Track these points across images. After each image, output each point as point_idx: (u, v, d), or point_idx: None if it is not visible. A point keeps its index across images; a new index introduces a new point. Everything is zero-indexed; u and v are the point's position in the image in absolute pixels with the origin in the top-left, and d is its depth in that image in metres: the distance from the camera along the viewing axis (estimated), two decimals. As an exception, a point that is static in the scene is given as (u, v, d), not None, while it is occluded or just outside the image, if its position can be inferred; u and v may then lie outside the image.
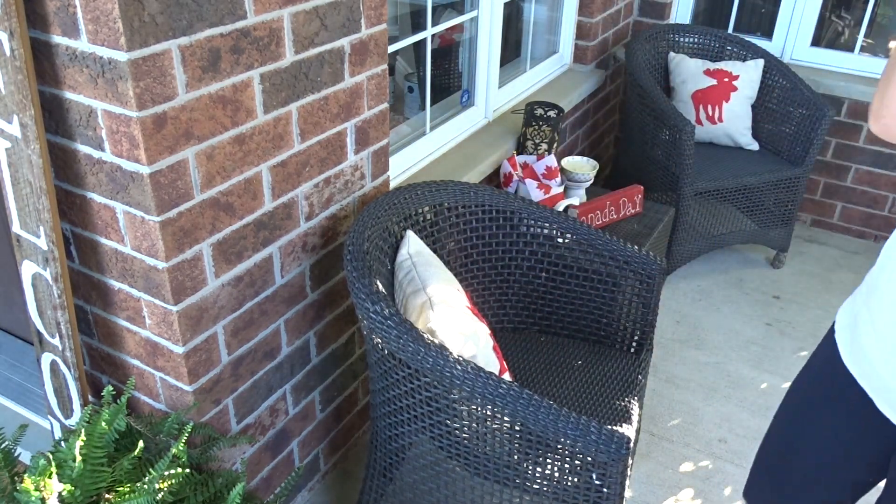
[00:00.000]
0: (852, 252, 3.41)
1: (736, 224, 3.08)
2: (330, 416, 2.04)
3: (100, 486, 1.28)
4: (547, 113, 2.60)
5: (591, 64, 3.31)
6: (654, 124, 2.94)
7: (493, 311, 2.04)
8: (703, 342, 2.79)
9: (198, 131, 1.33)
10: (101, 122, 1.26)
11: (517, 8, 3.02)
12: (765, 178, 2.96)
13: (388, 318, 1.44)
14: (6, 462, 1.35)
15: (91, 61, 1.21)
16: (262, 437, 1.78)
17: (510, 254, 1.98)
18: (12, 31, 1.19)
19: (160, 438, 1.44)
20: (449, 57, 2.70)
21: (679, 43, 3.31)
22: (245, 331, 1.61)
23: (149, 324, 1.47)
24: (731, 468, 2.26)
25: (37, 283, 1.44)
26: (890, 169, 3.32)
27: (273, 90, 1.47)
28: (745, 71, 3.12)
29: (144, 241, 1.35)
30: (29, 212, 1.37)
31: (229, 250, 1.49)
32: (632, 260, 1.88)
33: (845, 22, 3.54)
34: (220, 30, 1.31)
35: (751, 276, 3.20)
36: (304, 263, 1.73)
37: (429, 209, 1.86)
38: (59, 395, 1.57)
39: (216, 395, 1.58)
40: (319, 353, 1.89)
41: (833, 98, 3.29)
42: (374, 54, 1.71)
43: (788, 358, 2.73)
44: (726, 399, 2.52)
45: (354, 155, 1.77)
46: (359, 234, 1.62)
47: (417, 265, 1.67)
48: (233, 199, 1.46)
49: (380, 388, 1.61)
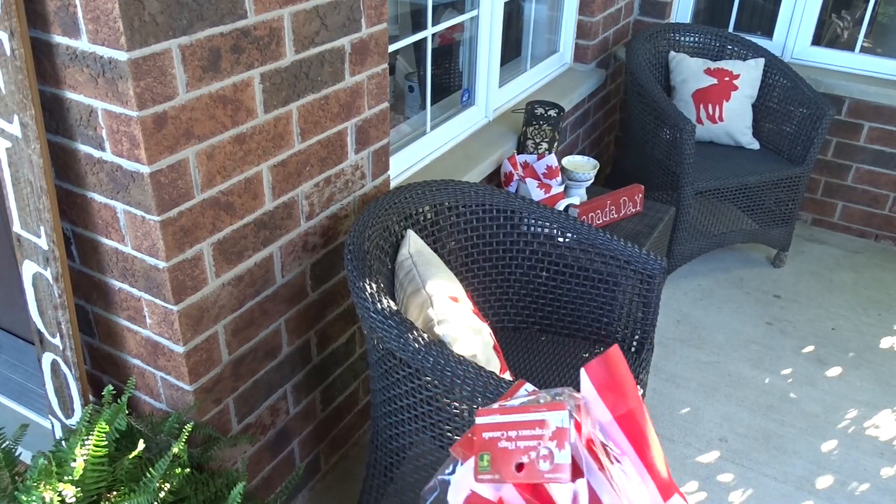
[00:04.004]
0: (853, 251, 3.41)
1: (736, 223, 3.07)
2: (331, 416, 2.04)
3: (100, 486, 1.28)
4: (547, 112, 2.60)
5: (592, 63, 3.31)
6: (655, 123, 2.94)
7: (493, 311, 2.04)
8: (704, 341, 2.79)
9: (198, 131, 1.33)
10: (101, 121, 1.26)
11: (517, 7, 3.02)
12: (765, 178, 2.95)
13: (388, 317, 1.44)
14: (7, 462, 1.35)
15: (91, 61, 1.21)
16: (262, 436, 1.78)
17: (511, 253, 1.97)
18: (12, 30, 1.19)
19: (161, 438, 1.44)
20: (449, 56, 2.70)
21: (679, 42, 3.30)
22: (246, 330, 1.61)
23: (149, 323, 1.47)
24: (731, 467, 2.26)
25: (37, 283, 1.44)
26: (891, 168, 3.32)
27: (273, 90, 1.47)
28: (746, 70, 3.12)
29: (145, 240, 1.35)
30: (29, 211, 1.37)
31: (230, 250, 1.49)
32: (632, 259, 1.88)
33: (846, 21, 3.54)
34: (221, 29, 1.31)
35: (751, 276, 3.19)
36: (305, 263, 1.73)
37: (429, 208, 1.86)
38: (59, 395, 1.57)
39: (217, 394, 1.58)
40: (320, 353, 1.89)
41: (834, 97, 3.29)
42: (375, 54, 1.71)
43: (789, 357, 2.72)
44: (727, 398, 2.52)
45: (355, 154, 1.77)
46: (359, 233, 1.62)
47: (418, 264, 1.67)
48: (233, 198, 1.46)
49: (380, 387, 1.61)
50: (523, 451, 0.98)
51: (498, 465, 1.00)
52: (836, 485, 2.22)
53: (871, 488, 2.21)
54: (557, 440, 0.96)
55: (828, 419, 2.45)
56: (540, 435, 0.97)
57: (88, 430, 1.30)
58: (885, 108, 3.22)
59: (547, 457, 0.96)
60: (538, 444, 0.97)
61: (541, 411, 0.98)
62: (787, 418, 2.45)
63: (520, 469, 0.98)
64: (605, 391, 1.01)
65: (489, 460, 1.01)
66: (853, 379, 2.63)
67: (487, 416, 1.02)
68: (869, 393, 2.57)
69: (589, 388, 1.01)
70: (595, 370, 1.02)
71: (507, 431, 1.00)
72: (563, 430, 0.96)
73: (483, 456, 1.01)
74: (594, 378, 1.01)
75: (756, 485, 2.20)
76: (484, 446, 1.01)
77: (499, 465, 1.00)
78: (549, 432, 0.97)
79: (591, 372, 1.02)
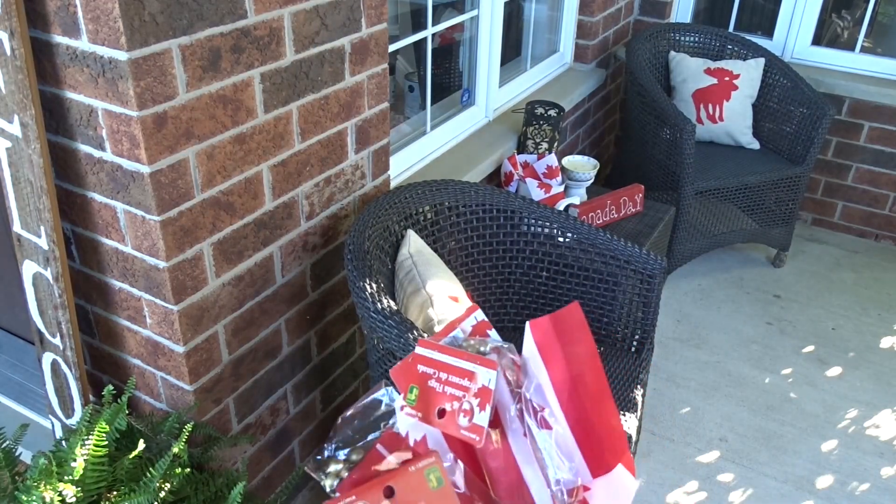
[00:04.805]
0: (853, 251, 3.41)
1: (737, 223, 3.07)
2: (331, 416, 2.04)
3: (101, 486, 1.28)
4: (547, 112, 2.60)
5: (592, 63, 3.31)
6: (655, 123, 2.94)
7: (493, 310, 2.04)
8: (704, 341, 2.79)
9: (198, 131, 1.33)
10: (101, 121, 1.26)
11: (518, 7, 3.02)
12: (765, 177, 2.96)
13: (388, 317, 1.44)
14: (7, 462, 1.35)
15: (91, 61, 1.21)
16: (262, 436, 1.78)
17: (511, 253, 1.97)
18: (13, 30, 1.19)
19: (161, 438, 1.44)
20: (449, 56, 2.70)
21: (680, 42, 3.31)
22: (246, 330, 1.61)
23: (149, 323, 1.47)
24: (732, 467, 2.26)
25: (38, 283, 1.44)
26: (891, 168, 3.32)
27: (273, 89, 1.47)
28: (746, 70, 3.12)
29: (145, 240, 1.35)
30: (30, 211, 1.37)
31: (230, 250, 1.49)
32: (632, 259, 1.88)
33: (846, 21, 3.54)
34: (221, 29, 1.31)
35: (751, 276, 3.19)
36: (305, 263, 1.73)
37: (429, 208, 1.86)
38: (59, 395, 1.57)
39: (217, 394, 1.59)
40: (320, 353, 1.89)
41: (834, 97, 3.29)
42: (375, 53, 1.71)
43: (789, 357, 2.73)
44: (727, 398, 2.52)
45: (355, 154, 1.77)
46: (359, 233, 1.62)
47: (418, 264, 1.67)
48: (233, 198, 1.46)
49: (380, 387, 1.61)
50: (448, 398, 0.97)
51: (423, 404, 0.99)
52: (836, 485, 2.22)
53: (872, 488, 2.21)
54: (480, 399, 0.95)
55: (828, 419, 2.45)
56: (467, 387, 0.96)
57: (89, 430, 1.30)
58: (886, 108, 3.22)
59: (468, 412, 0.95)
60: (463, 395, 0.96)
61: (473, 363, 0.96)
62: (787, 418, 2.45)
63: (441, 415, 0.97)
64: (549, 352, 0.97)
65: (417, 395, 1.00)
66: (853, 379, 2.63)
67: (427, 350, 1.00)
68: (869, 393, 2.57)
69: (531, 346, 0.97)
70: (542, 328, 0.97)
71: (439, 372, 0.98)
72: (487, 391, 0.94)
73: (412, 389, 1.00)
74: (539, 337, 0.97)
75: (756, 484, 2.20)
76: (416, 379, 1.00)
77: (424, 403, 0.99)
78: (475, 387, 0.95)
79: (537, 329, 0.97)
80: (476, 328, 1.05)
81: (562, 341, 0.96)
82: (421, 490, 0.95)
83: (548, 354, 0.96)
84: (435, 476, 0.96)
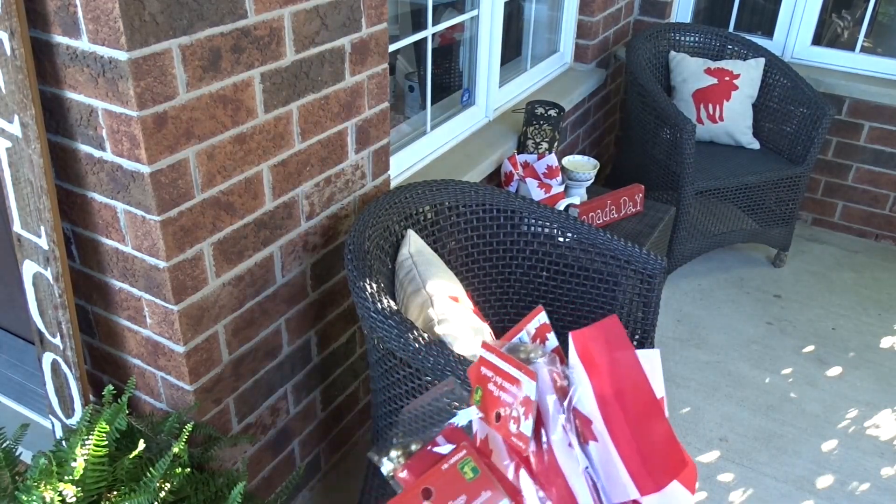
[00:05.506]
0: (853, 251, 3.41)
1: (737, 223, 3.07)
2: (331, 416, 2.04)
3: (101, 486, 1.28)
4: (548, 112, 2.60)
5: (592, 63, 3.31)
6: (655, 123, 2.94)
7: (493, 310, 2.04)
8: (704, 341, 2.79)
9: (198, 131, 1.33)
10: (101, 121, 1.26)
11: (518, 7, 3.02)
12: (766, 177, 2.95)
13: (388, 317, 1.44)
14: (7, 462, 1.35)
15: (91, 61, 1.21)
16: (262, 436, 1.78)
17: (511, 253, 1.97)
18: (13, 30, 1.19)
19: (161, 438, 1.44)
20: (449, 56, 2.70)
21: (680, 42, 3.30)
22: (246, 330, 1.61)
23: (150, 323, 1.47)
24: (732, 467, 2.26)
25: (38, 283, 1.44)
26: (891, 168, 3.32)
27: (274, 89, 1.47)
28: (746, 70, 3.12)
29: (145, 240, 1.35)
30: (30, 211, 1.37)
31: (230, 250, 1.49)
32: (632, 259, 1.88)
33: (846, 21, 3.54)
34: (221, 29, 1.31)
35: (752, 275, 3.19)
36: (305, 263, 1.73)
37: (429, 208, 1.86)
38: (60, 395, 1.57)
39: (217, 394, 1.58)
40: (320, 353, 1.89)
41: (834, 97, 3.29)
42: (375, 53, 1.71)
43: (789, 357, 2.72)
44: (727, 398, 2.52)
45: (355, 154, 1.77)
46: (359, 233, 1.62)
47: (418, 264, 1.67)
48: (233, 198, 1.46)
49: (381, 387, 1.61)
50: (502, 404, 0.97)
51: (484, 406, 0.99)
52: (836, 484, 2.22)
53: (872, 488, 2.21)
54: (525, 408, 0.94)
55: (828, 419, 2.45)
56: (515, 394, 0.96)
57: (89, 430, 1.30)
58: (886, 108, 3.22)
59: (516, 420, 0.95)
60: (513, 402, 0.95)
61: (519, 370, 0.95)
62: (787, 418, 2.45)
63: (497, 419, 0.97)
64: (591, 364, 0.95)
65: (480, 397, 1.00)
66: (853, 379, 2.63)
67: (488, 353, 1.00)
68: (869, 393, 2.57)
69: (574, 357, 0.95)
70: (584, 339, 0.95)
71: (496, 376, 0.98)
72: (529, 401, 0.94)
73: (478, 389, 1.00)
74: (581, 348, 0.95)
75: (756, 484, 2.20)
76: (480, 380, 1.00)
77: (485, 405, 0.99)
78: (521, 395, 0.95)
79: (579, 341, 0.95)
80: (539, 331, 1.05)
81: (604, 353, 0.93)
82: (458, 483, 0.96)
83: (591, 366, 0.94)
84: (469, 467, 0.97)
